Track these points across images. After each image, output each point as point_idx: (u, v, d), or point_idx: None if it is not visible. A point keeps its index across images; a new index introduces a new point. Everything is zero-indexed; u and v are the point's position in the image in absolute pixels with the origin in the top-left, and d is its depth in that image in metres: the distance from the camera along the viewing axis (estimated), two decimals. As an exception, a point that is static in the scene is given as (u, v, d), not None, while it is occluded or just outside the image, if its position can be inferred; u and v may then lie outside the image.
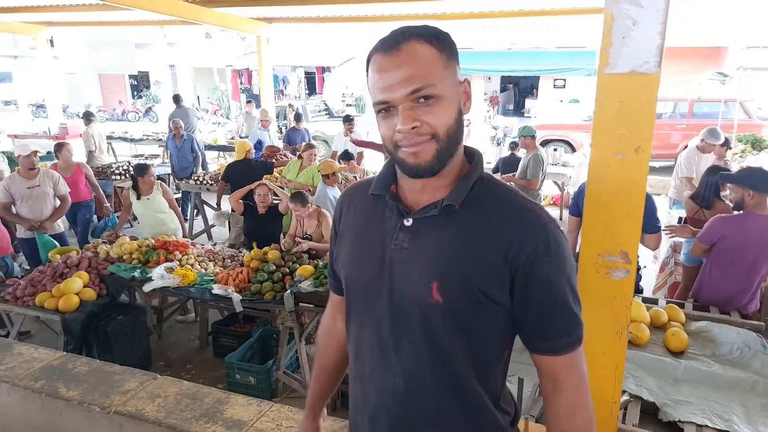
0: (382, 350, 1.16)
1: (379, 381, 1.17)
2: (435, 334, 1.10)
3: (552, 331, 1.10)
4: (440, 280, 1.07)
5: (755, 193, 3.51)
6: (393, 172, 1.19)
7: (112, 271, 4.35)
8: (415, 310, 1.10)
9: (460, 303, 1.07)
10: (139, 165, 5.49)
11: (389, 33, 1.05)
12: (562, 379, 1.12)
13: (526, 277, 1.06)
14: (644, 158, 1.47)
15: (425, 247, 1.10)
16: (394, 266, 1.12)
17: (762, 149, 9.19)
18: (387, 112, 1.04)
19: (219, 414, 2.19)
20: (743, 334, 3.11)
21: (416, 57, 1.01)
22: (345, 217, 1.28)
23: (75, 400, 2.31)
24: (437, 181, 1.10)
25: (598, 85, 1.45)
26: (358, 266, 1.20)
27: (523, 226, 1.07)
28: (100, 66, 21.31)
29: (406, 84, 1.00)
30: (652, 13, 1.37)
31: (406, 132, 1.02)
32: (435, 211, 1.09)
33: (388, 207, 1.16)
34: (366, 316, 1.18)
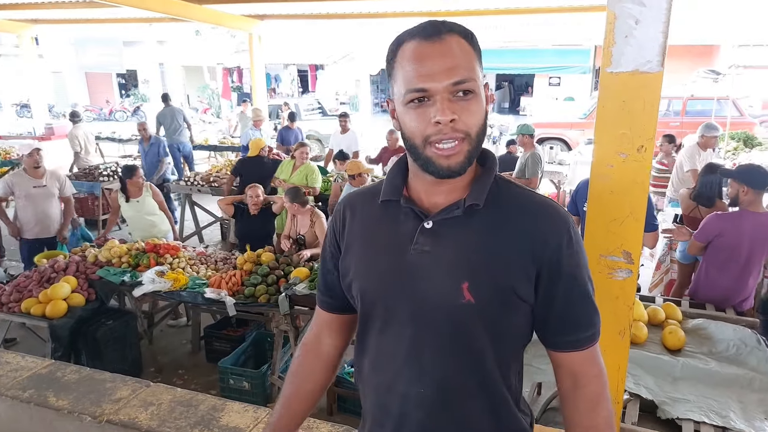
0: (405, 359, 1.11)
1: (404, 391, 1.13)
2: (464, 336, 1.08)
3: (576, 324, 1.11)
4: (471, 280, 1.04)
5: (749, 189, 3.52)
6: (403, 176, 1.15)
7: (101, 275, 4.28)
8: (441, 314, 1.07)
9: (492, 302, 1.06)
10: (127, 166, 5.42)
11: (424, 23, 1.01)
12: (584, 373, 1.12)
13: (552, 272, 1.06)
14: (647, 158, 1.45)
15: (450, 248, 1.07)
16: (415, 271, 1.08)
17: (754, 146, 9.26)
18: (420, 103, 1.00)
19: (214, 421, 2.15)
20: (739, 331, 3.13)
21: (458, 49, 0.99)
22: (351, 227, 1.20)
23: (65, 410, 2.25)
24: (455, 182, 1.08)
25: (601, 84, 1.43)
26: (374, 275, 1.14)
27: (546, 222, 1.07)
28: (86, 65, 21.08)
29: (449, 74, 0.97)
30: (654, 12, 1.35)
31: (444, 123, 0.97)
32: (458, 211, 1.07)
33: (402, 211, 1.12)
34: (386, 325, 1.14)
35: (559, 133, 12.56)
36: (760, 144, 9.45)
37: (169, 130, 9.76)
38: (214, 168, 8.38)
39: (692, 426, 2.51)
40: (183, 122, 9.89)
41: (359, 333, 1.22)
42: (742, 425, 2.50)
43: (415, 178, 1.12)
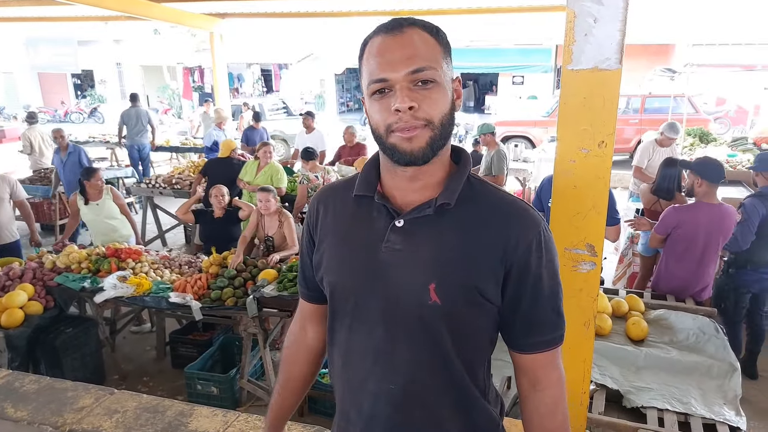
0: (375, 357, 1.12)
1: (374, 389, 1.14)
2: (432, 336, 1.08)
3: (539, 327, 1.11)
4: (438, 280, 1.05)
5: (704, 182, 3.66)
6: (377, 172, 1.15)
7: (59, 282, 4.14)
8: (411, 313, 1.08)
9: (458, 303, 1.06)
10: (86, 168, 5.26)
11: (390, 20, 1.04)
12: (544, 376, 1.13)
13: (520, 273, 1.07)
14: (607, 153, 1.48)
15: (420, 248, 1.07)
16: (386, 269, 1.08)
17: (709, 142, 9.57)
18: (382, 94, 1.01)
19: (183, 427, 2.11)
20: (698, 320, 3.24)
21: (419, 40, 1.01)
22: (323, 222, 1.21)
23: (24, 421, 2.17)
24: (428, 178, 1.08)
25: (563, 82, 1.46)
26: (345, 271, 1.15)
27: (518, 223, 1.07)
28: (39, 64, 20.42)
29: (407, 63, 0.99)
30: (612, 11, 1.38)
31: (403, 111, 0.99)
32: (429, 210, 1.07)
33: (375, 208, 1.12)
34: (356, 322, 1.14)
35: (523, 131, 12.75)
36: (715, 140, 9.78)
37: (132, 130, 9.60)
38: (176, 170, 8.21)
39: (656, 413, 2.59)
40: (147, 124, 9.72)
41: (329, 327, 1.22)
42: (702, 411, 2.59)
43: (388, 175, 1.12)
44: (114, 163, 10.88)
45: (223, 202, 4.97)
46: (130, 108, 9.73)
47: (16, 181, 5.20)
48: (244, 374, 3.88)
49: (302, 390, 1.39)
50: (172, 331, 4.67)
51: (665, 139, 6.18)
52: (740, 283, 3.93)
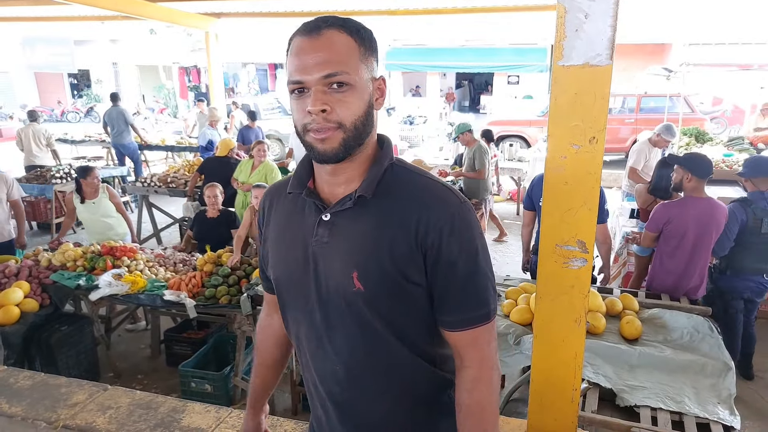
0: (318, 342, 1.20)
1: (320, 370, 1.23)
2: (363, 320, 1.14)
3: (456, 306, 1.15)
4: (359, 269, 1.11)
5: (693, 177, 3.67)
6: (309, 169, 1.21)
7: (54, 279, 4.14)
8: (341, 301, 1.14)
9: (380, 289, 1.12)
10: (82, 167, 5.25)
11: (312, 19, 1.07)
12: (466, 354, 1.17)
13: (434, 257, 1.11)
14: (599, 149, 1.49)
15: (344, 239, 1.13)
16: (317, 261, 1.15)
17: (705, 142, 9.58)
18: (300, 94, 1.06)
19: (175, 423, 2.11)
20: (692, 319, 3.25)
21: (335, 44, 1.04)
22: (268, 218, 1.29)
23: (18, 417, 2.17)
24: (350, 172, 1.13)
25: (553, 78, 1.46)
26: (284, 266, 1.23)
27: (428, 209, 1.10)
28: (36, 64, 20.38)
29: (321, 67, 1.02)
30: (603, 7, 1.39)
31: (315, 113, 1.03)
32: (350, 203, 1.12)
33: (307, 204, 1.18)
34: (298, 312, 1.23)
35: (518, 130, 12.77)
36: (711, 139, 9.80)
37: (114, 130, 9.75)
38: (172, 168, 8.20)
39: (649, 412, 2.59)
40: (125, 124, 9.77)
41: (283, 318, 1.31)
42: (696, 410, 2.59)
43: (317, 170, 1.18)
44: (110, 162, 10.86)
45: (216, 203, 4.93)
46: (111, 108, 9.81)
47: (14, 180, 5.19)
48: (238, 372, 3.88)
49: (276, 371, 1.50)
50: (166, 329, 4.66)
51: (661, 140, 6.17)
52: (725, 288, 3.92)
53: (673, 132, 6.21)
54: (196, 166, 7.27)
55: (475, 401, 1.17)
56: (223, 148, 6.70)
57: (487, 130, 8.24)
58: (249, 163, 6.17)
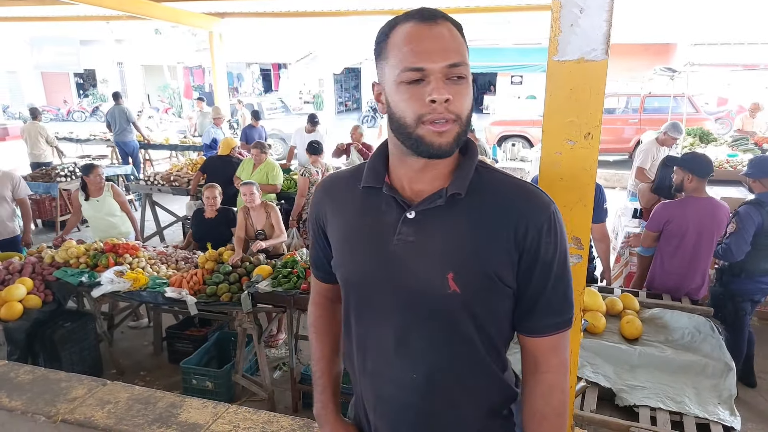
0: (396, 347, 1.13)
1: (396, 378, 1.15)
2: (450, 324, 1.09)
3: (545, 311, 1.12)
4: (456, 270, 1.05)
5: (694, 177, 3.64)
6: (384, 162, 1.15)
7: (58, 276, 4.16)
8: (428, 303, 1.08)
9: (477, 291, 1.07)
10: (85, 164, 5.28)
11: (418, 8, 1.03)
12: (544, 361, 1.14)
13: (531, 259, 1.08)
14: (594, 144, 1.49)
15: (434, 239, 1.07)
16: (399, 261, 1.09)
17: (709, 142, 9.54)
18: (415, 84, 0.99)
19: (173, 418, 2.12)
20: (694, 319, 3.23)
21: (453, 35, 1.01)
22: (332, 213, 1.21)
23: (18, 410, 2.19)
24: (440, 169, 1.09)
25: (549, 73, 1.46)
26: (357, 265, 1.15)
27: (529, 208, 1.07)
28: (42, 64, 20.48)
29: (446, 56, 0.98)
30: (598, 2, 1.39)
31: (439, 102, 0.97)
32: (441, 201, 1.07)
33: (384, 200, 1.12)
34: (372, 314, 1.15)
35: (521, 130, 12.75)
36: (715, 140, 9.75)
37: (116, 129, 9.86)
38: (175, 167, 8.23)
39: (648, 412, 2.58)
40: (127, 123, 9.86)
41: (345, 320, 1.23)
42: (696, 410, 2.58)
43: (399, 164, 1.11)
44: (114, 161, 10.91)
45: (215, 203, 4.93)
46: (114, 107, 9.90)
47: (20, 179, 5.22)
48: (239, 369, 3.89)
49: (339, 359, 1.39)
50: (169, 326, 4.69)
51: (668, 138, 6.13)
52: (737, 291, 3.78)
53: (680, 129, 6.19)
54: (199, 165, 7.29)
55: (552, 408, 1.14)
56: (225, 147, 6.71)
57: None
58: (251, 162, 6.18)
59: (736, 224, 3.61)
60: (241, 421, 2.07)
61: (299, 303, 3.64)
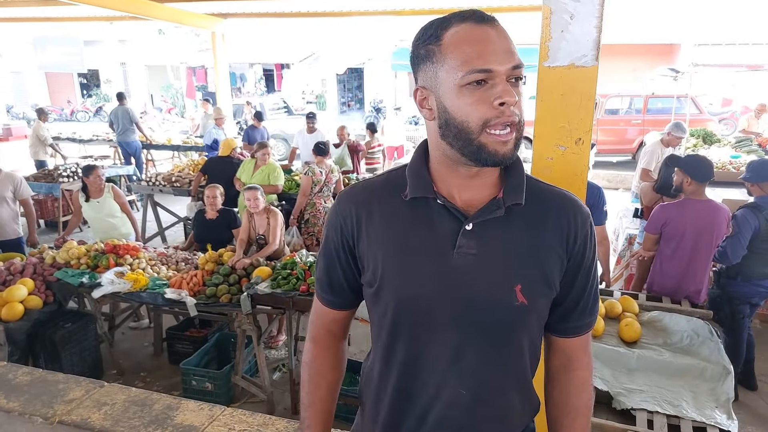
0: (449, 364, 1.09)
1: (443, 396, 1.11)
2: (511, 336, 1.09)
3: (582, 312, 1.15)
4: (524, 281, 1.04)
5: (692, 180, 3.64)
6: (428, 169, 1.09)
7: (58, 277, 4.18)
8: (491, 316, 1.06)
9: (541, 301, 1.08)
10: (85, 165, 5.30)
11: (468, 10, 0.99)
12: (576, 358, 1.18)
13: (576, 264, 1.10)
14: (584, 150, 1.49)
15: (497, 250, 1.05)
16: (462, 275, 1.04)
17: (713, 143, 9.51)
18: (479, 86, 0.94)
19: (169, 420, 2.13)
20: (692, 322, 3.22)
21: (509, 37, 0.98)
22: (368, 227, 1.11)
23: (15, 412, 2.20)
24: (489, 176, 1.06)
25: (539, 79, 1.47)
26: (413, 281, 1.07)
27: (575, 218, 1.09)
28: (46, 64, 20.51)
29: (511, 57, 0.95)
30: (588, 8, 1.39)
31: (511, 104, 0.94)
32: (500, 212, 1.04)
33: (435, 211, 1.06)
34: (424, 331, 1.09)
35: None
36: (719, 141, 9.72)
37: (119, 129, 9.91)
38: (177, 168, 8.26)
39: (645, 416, 2.58)
40: (130, 123, 9.91)
41: (389, 343, 1.14)
42: (693, 414, 2.58)
43: (447, 172, 1.06)
44: (117, 161, 10.95)
45: (216, 204, 4.93)
46: (117, 107, 9.96)
47: (22, 179, 5.24)
48: (239, 371, 3.90)
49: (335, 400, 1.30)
50: (169, 327, 4.70)
51: (673, 138, 6.13)
52: (734, 294, 3.80)
53: (683, 128, 6.19)
54: (200, 166, 7.31)
55: (584, 403, 1.18)
56: (226, 148, 6.72)
57: None
58: (251, 163, 6.19)
59: (732, 227, 3.63)
60: (236, 424, 2.08)
61: (299, 305, 3.65)
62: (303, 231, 5.82)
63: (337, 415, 3.88)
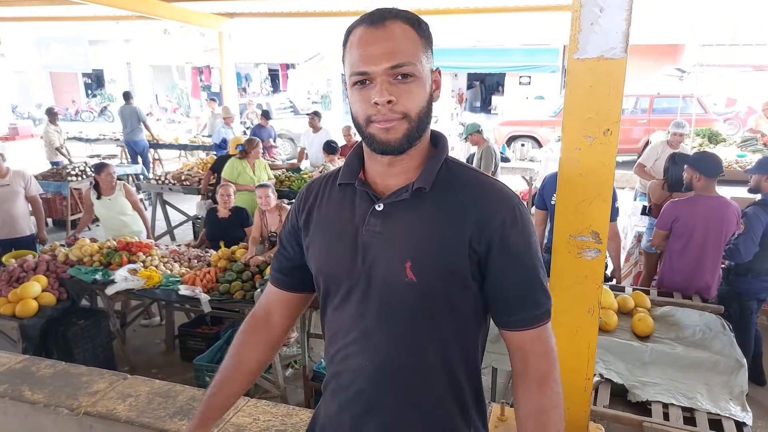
0: (356, 335, 1.16)
1: (353, 365, 1.18)
2: (408, 314, 1.12)
3: (523, 303, 1.13)
4: (413, 259, 1.09)
5: (702, 176, 3.67)
6: (360, 160, 1.20)
7: (72, 274, 4.20)
8: (389, 292, 1.12)
9: (433, 281, 1.10)
10: (97, 163, 5.33)
11: (374, 10, 1.07)
12: (531, 351, 1.14)
13: (497, 251, 1.09)
14: (613, 140, 1.51)
15: (398, 229, 1.11)
16: (367, 251, 1.13)
17: (718, 143, 9.53)
18: (363, 86, 1.05)
19: (194, 411, 2.14)
20: (705, 316, 3.25)
21: (400, 35, 1.04)
22: (310, 209, 1.25)
23: (41, 403, 2.23)
24: (406, 164, 1.12)
25: (569, 71, 1.49)
26: (331, 255, 1.19)
27: (490, 202, 1.10)
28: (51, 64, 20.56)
29: (388, 58, 1.02)
30: (618, 1, 1.41)
31: (382, 104, 1.03)
32: (406, 194, 1.11)
33: (358, 194, 1.17)
34: (341, 301, 1.19)
35: (529, 130, 12.74)
36: (724, 140, 9.74)
37: (126, 128, 9.97)
38: (186, 166, 8.29)
39: (661, 408, 2.60)
40: (137, 122, 9.95)
41: (322, 308, 1.26)
42: (708, 406, 2.61)
43: (370, 161, 1.17)
44: (124, 160, 10.99)
45: (229, 202, 4.95)
46: (124, 106, 10.00)
47: (32, 177, 5.28)
48: (252, 366, 3.92)
49: (252, 379, 1.37)
50: (181, 324, 4.72)
51: (675, 137, 6.18)
52: (743, 290, 3.82)
53: (681, 124, 6.28)
54: (209, 164, 7.34)
55: (548, 399, 1.12)
56: (233, 147, 6.76)
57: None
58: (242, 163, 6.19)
59: (744, 225, 3.64)
60: (261, 414, 2.10)
61: (312, 301, 3.66)
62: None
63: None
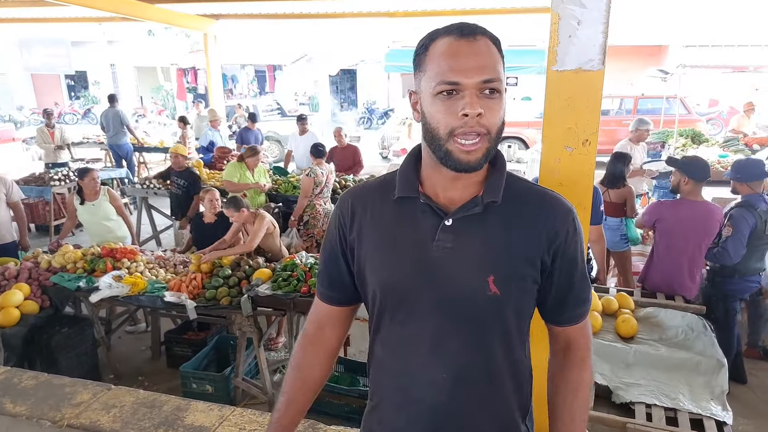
0: (430, 348, 1.17)
1: (427, 377, 1.18)
2: (486, 325, 1.15)
3: (575, 302, 1.23)
4: (496, 273, 1.12)
5: (690, 180, 3.71)
6: (416, 170, 1.20)
7: (54, 281, 4.15)
8: (466, 305, 1.14)
9: (515, 292, 1.14)
10: (80, 168, 5.27)
11: (458, 23, 1.07)
12: (576, 341, 1.26)
13: (561, 258, 1.17)
14: (591, 151, 1.53)
15: (473, 244, 1.13)
16: (440, 266, 1.13)
17: (701, 143, 9.67)
18: (449, 96, 1.04)
19: (179, 421, 2.14)
20: (687, 317, 3.30)
21: (490, 51, 1.06)
22: (361, 223, 1.23)
23: (23, 416, 2.20)
24: (473, 178, 1.14)
25: (547, 82, 1.50)
26: (395, 270, 1.17)
27: (556, 215, 1.16)
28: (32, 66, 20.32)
29: (481, 71, 1.03)
30: (595, 14, 1.43)
31: (472, 116, 1.03)
32: (478, 208, 1.13)
33: (419, 208, 1.16)
34: (406, 316, 1.18)
35: (516, 131, 12.80)
36: (707, 140, 9.88)
37: (110, 131, 9.86)
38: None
39: (644, 409, 2.64)
40: (120, 125, 9.85)
41: (375, 323, 1.25)
42: (690, 406, 2.65)
43: (432, 173, 1.16)
44: (108, 164, 10.88)
45: (215, 208, 4.91)
46: (108, 109, 9.87)
47: (13, 182, 5.20)
48: (239, 373, 3.91)
49: (316, 394, 1.38)
50: (167, 330, 4.69)
51: (637, 133, 6.38)
52: (729, 291, 3.88)
53: (646, 121, 6.49)
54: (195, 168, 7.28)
55: (583, 381, 1.25)
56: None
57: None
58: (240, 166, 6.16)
59: (732, 227, 3.68)
60: (246, 424, 2.09)
61: (299, 306, 3.66)
62: (302, 233, 5.82)
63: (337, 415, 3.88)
